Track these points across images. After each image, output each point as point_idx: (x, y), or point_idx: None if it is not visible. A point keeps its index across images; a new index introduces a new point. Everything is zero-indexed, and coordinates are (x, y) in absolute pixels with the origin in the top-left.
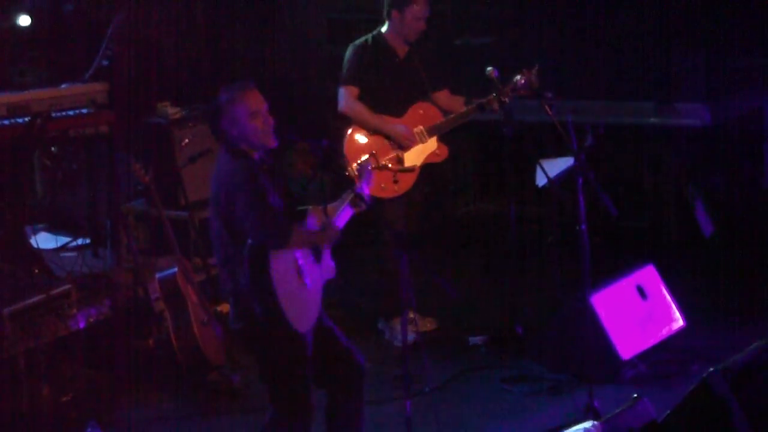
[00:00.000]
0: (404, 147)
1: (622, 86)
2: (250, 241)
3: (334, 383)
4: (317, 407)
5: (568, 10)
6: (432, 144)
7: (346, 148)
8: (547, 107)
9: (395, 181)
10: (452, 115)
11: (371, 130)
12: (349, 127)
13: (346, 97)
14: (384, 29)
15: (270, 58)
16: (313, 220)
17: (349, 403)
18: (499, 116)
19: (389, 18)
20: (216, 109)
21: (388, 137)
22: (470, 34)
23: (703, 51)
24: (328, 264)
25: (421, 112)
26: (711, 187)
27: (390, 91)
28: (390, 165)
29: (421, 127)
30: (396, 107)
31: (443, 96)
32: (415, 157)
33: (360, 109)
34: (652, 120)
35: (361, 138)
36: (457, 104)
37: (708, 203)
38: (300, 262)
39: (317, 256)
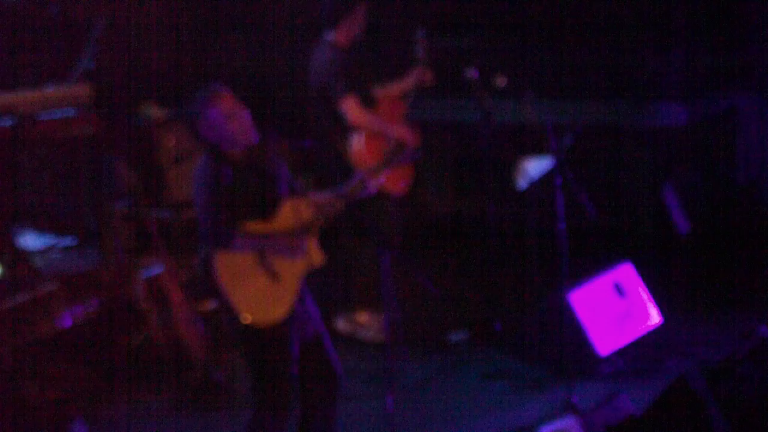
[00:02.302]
0: (407, 144)
1: (599, 87)
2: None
3: (308, 393)
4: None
5: (546, 11)
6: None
7: (358, 156)
8: (526, 108)
9: (406, 177)
10: (406, 98)
11: (376, 135)
12: (353, 134)
13: (354, 108)
14: (332, 37)
15: (253, 58)
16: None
17: (321, 417)
18: (478, 116)
19: (337, 26)
20: (191, 119)
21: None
22: (449, 36)
23: (679, 51)
24: (309, 252)
25: (389, 104)
26: (687, 185)
27: (365, 91)
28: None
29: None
30: (370, 105)
31: None
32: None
33: (370, 117)
34: (629, 120)
35: (371, 143)
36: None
37: (684, 201)
38: (266, 255)
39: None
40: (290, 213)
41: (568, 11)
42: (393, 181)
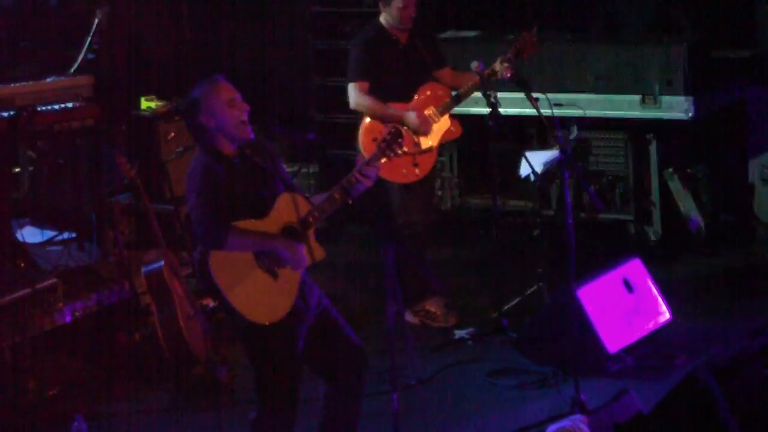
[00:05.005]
0: (420, 133)
1: (606, 79)
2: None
3: (334, 377)
4: (311, 399)
5: (552, 4)
6: (445, 122)
7: (362, 140)
8: (532, 101)
9: (415, 165)
10: (461, 90)
11: (385, 121)
12: (364, 119)
13: (356, 93)
14: (381, 19)
15: (254, 52)
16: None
17: (345, 399)
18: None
19: (385, 7)
20: (192, 104)
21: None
22: (455, 28)
23: (687, 43)
24: (309, 250)
25: (429, 93)
26: (696, 180)
27: (397, 79)
28: (407, 149)
29: (432, 108)
30: (404, 93)
31: (447, 74)
32: (431, 137)
33: (370, 103)
34: (637, 113)
35: (376, 128)
36: (462, 79)
37: (693, 196)
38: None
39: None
40: (286, 208)
41: (575, 3)
42: (389, 170)
